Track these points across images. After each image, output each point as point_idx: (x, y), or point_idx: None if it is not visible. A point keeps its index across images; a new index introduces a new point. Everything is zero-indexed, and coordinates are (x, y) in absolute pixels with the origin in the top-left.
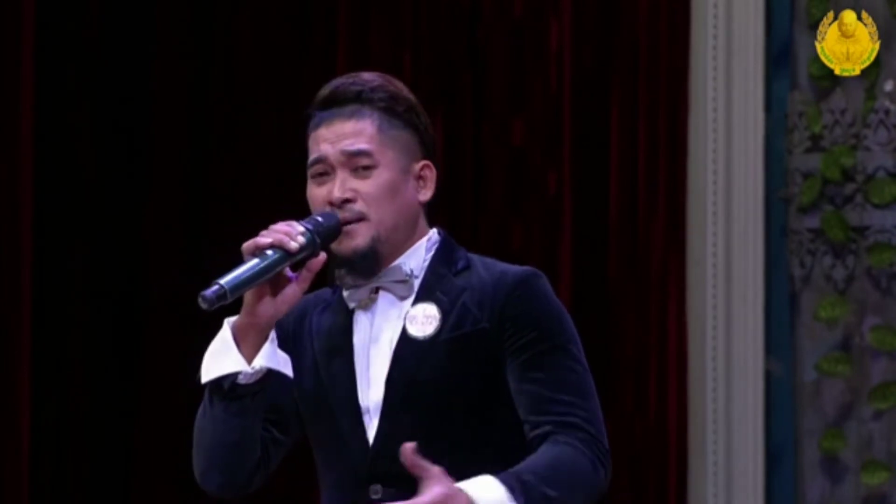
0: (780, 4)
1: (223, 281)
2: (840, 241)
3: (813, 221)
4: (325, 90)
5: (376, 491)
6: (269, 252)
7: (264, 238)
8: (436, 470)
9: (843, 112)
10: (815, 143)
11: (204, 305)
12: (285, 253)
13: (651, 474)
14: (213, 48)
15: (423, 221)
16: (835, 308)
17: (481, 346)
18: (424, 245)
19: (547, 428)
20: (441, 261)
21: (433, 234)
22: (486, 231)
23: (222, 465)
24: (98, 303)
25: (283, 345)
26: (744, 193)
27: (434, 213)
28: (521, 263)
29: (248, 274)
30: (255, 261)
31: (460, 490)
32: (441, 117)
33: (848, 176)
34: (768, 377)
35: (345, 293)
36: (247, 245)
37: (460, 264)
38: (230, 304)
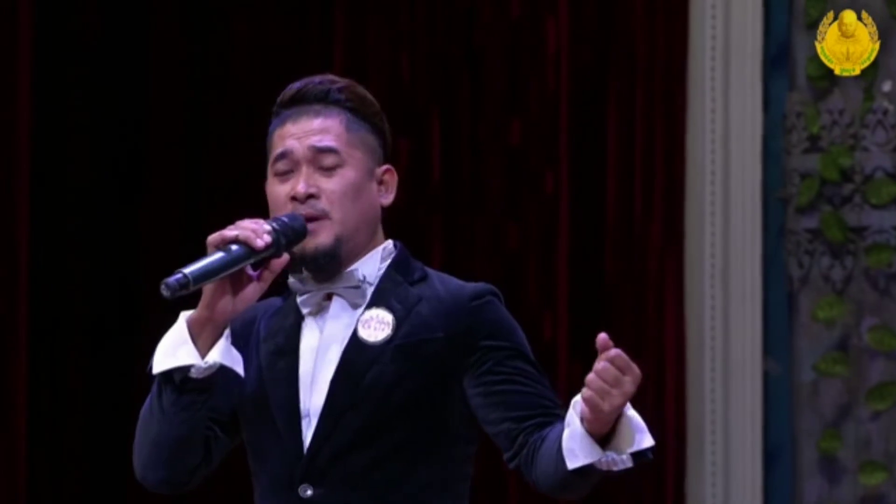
0: (777, 5)
1: (187, 270)
2: (838, 242)
3: (811, 222)
4: (290, 89)
5: (305, 490)
6: (234, 247)
7: (230, 232)
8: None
9: (841, 112)
10: (814, 144)
11: (166, 293)
12: (250, 250)
13: (649, 475)
14: (209, 47)
15: (380, 229)
16: (833, 308)
17: (434, 355)
18: (380, 253)
19: (539, 420)
20: (397, 269)
21: (389, 244)
22: (483, 231)
23: (166, 460)
24: (95, 297)
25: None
26: (742, 194)
27: (431, 212)
28: (519, 263)
29: (211, 266)
30: (220, 254)
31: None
32: (438, 117)
33: (846, 176)
34: (766, 377)
35: (298, 298)
36: (212, 238)
37: (416, 275)
38: (190, 295)
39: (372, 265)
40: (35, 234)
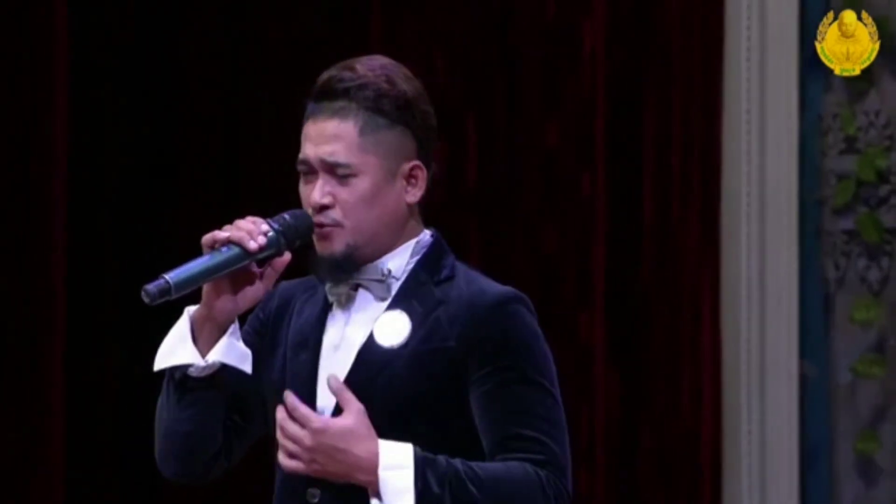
0: (814, 6)
1: (169, 276)
2: (874, 243)
3: (847, 223)
4: (321, 78)
5: (314, 495)
6: (224, 249)
7: (222, 233)
8: (358, 406)
9: (877, 114)
10: (850, 145)
11: (146, 300)
12: (243, 251)
13: (685, 477)
14: (245, 46)
15: (413, 222)
16: (869, 310)
17: (445, 363)
18: (412, 247)
19: (497, 457)
20: (425, 266)
21: (424, 236)
22: (519, 233)
23: (177, 454)
24: (131, 293)
25: (261, 329)
26: (778, 195)
27: (466, 214)
28: (555, 265)
29: (196, 270)
30: (207, 257)
31: (372, 434)
32: (474, 119)
33: (882, 177)
34: (803, 379)
35: (326, 286)
36: (206, 238)
37: (444, 273)
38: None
39: (400, 260)
40: (71, 230)
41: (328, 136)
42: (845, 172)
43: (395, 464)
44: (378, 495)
